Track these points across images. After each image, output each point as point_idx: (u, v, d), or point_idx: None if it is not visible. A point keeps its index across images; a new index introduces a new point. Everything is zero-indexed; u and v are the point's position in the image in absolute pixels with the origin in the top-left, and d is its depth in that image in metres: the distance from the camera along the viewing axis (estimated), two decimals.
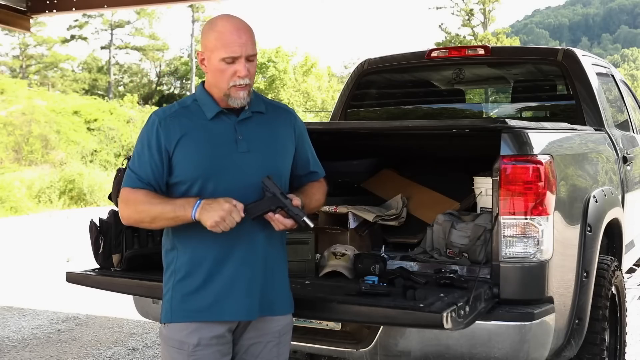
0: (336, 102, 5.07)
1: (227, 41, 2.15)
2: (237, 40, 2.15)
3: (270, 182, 2.15)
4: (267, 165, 2.21)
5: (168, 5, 26.36)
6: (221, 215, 2.05)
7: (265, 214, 2.15)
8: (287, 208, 2.15)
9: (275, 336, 2.29)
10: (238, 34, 2.16)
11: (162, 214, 2.13)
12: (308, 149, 2.43)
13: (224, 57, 2.15)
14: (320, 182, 2.46)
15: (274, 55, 36.89)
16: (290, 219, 2.16)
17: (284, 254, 2.36)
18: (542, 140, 2.79)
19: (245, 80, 2.17)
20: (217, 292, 2.16)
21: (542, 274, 2.65)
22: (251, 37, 2.20)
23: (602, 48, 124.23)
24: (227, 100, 2.20)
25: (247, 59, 2.17)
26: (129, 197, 2.19)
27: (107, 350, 4.97)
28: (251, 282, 2.19)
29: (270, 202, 2.14)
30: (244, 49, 2.15)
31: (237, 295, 2.17)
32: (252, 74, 2.20)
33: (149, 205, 2.15)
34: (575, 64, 4.19)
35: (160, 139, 2.17)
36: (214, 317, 2.17)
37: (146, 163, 2.18)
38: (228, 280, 2.17)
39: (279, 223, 2.16)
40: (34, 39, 39.19)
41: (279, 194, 2.14)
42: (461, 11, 37.63)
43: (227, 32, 2.16)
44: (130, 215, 2.21)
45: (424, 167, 3.85)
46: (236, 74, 2.16)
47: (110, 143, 22.01)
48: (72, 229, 11.46)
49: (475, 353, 2.61)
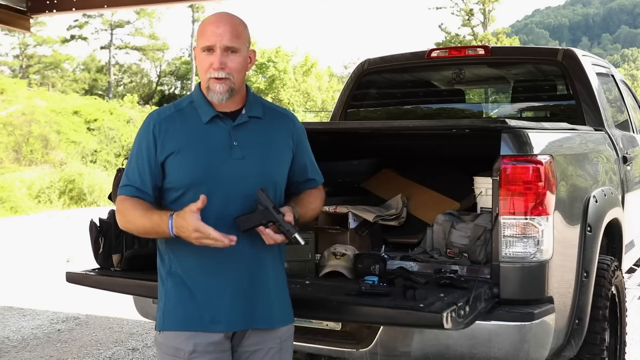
0: (336, 102, 5.07)
1: (205, 31, 2.14)
2: (214, 30, 2.13)
3: (264, 196, 2.09)
4: (261, 173, 2.16)
5: (168, 5, 26.34)
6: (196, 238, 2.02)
7: (256, 228, 2.11)
8: (278, 223, 2.09)
9: (276, 342, 2.24)
10: (217, 25, 2.14)
11: (146, 229, 2.13)
12: (306, 156, 2.37)
13: (202, 46, 2.14)
14: (318, 190, 2.40)
15: (274, 55, 36.85)
16: (282, 234, 2.10)
17: (281, 262, 2.30)
18: (542, 140, 2.79)
19: (220, 73, 2.12)
20: (204, 302, 2.13)
21: (542, 274, 2.65)
22: (232, 29, 2.14)
23: (602, 48, 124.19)
24: (208, 95, 2.17)
25: (227, 51, 2.12)
26: (119, 206, 2.19)
27: (107, 350, 4.97)
28: (240, 291, 2.14)
29: (262, 215, 2.09)
30: (219, 39, 2.11)
31: (227, 305, 2.13)
32: (230, 68, 2.13)
33: (134, 217, 2.14)
34: (575, 64, 4.19)
35: (154, 143, 2.15)
36: (204, 327, 2.12)
37: (137, 169, 2.17)
38: (214, 291, 2.13)
39: (270, 238, 2.10)
40: (34, 39, 39.18)
41: (271, 207, 2.08)
42: (461, 11, 37.62)
43: (208, 22, 2.17)
44: (124, 225, 2.21)
45: (424, 167, 3.85)
46: (211, 65, 2.13)
47: (110, 143, 22.01)
48: (72, 229, 11.46)
49: (475, 353, 2.61)
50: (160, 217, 2.08)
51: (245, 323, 2.17)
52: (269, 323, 2.21)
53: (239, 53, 2.16)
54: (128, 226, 2.20)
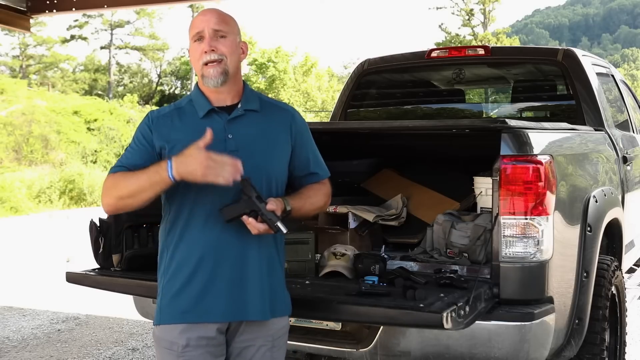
0: (336, 102, 5.07)
1: (193, 22, 2.22)
2: (201, 18, 2.21)
3: (247, 185, 2.10)
4: (255, 166, 2.16)
5: (169, 6, 26.35)
6: (207, 167, 1.99)
7: (240, 217, 2.11)
8: (261, 212, 2.10)
9: (268, 340, 2.25)
10: (203, 14, 2.22)
11: (139, 185, 2.08)
12: (309, 149, 2.37)
13: (191, 36, 2.21)
14: (321, 184, 2.38)
15: (274, 55, 36.86)
16: (264, 223, 2.11)
17: (278, 256, 2.29)
18: (542, 140, 2.79)
19: (212, 55, 2.16)
20: (198, 291, 2.14)
21: (542, 274, 2.65)
22: (219, 15, 2.21)
23: (602, 48, 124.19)
24: (204, 82, 2.20)
25: (216, 35, 2.18)
26: (107, 184, 2.16)
27: (107, 350, 4.97)
28: (233, 282, 2.15)
29: (244, 205, 2.10)
30: (207, 24, 2.18)
31: (219, 296, 2.14)
32: (221, 50, 2.17)
33: (124, 182, 2.11)
34: (575, 64, 4.19)
35: (150, 134, 2.18)
36: (198, 318, 2.14)
37: (132, 153, 2.20)
38: (208, 280, 2.14)
39: (253, 227, 2.11)
40: (34, 39, 39.21)
41: (254, 197, 2.09)
42: (461, 11, 37.64)
43: (196, 16, 2.25)
44: (109, 202, 2.15)
45: (424, 167, 3.85)
46: (202, 50, 2.17)
47: (111, 143, 22.01)
48: (72, 229, 11.46)
49: (475, 353, 2.61)
50: (156, 165, 2.07)
51: (239, 314, 2.18)
52: (261, 315, 2.20)
53: (229, 37, 2.21)
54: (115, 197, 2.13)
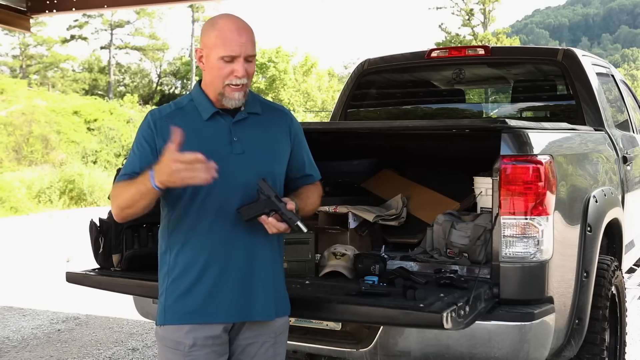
0: (336, 102, 5.08)
1: (227, 39, 2.14)
2: (237, 39, 2.14)
3: (265, 185, 2.13)
4: (261, 167, 2.19)
5: (169, 6, 26.36)
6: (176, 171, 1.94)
7: (259, 217, 2.13)
8: (280, 211, 2.12)
9: (271, 336, 2.28)
10: (239, 33, 2.15)
11: (132, 196, 2.08)
12: (304, 152, 2.41)
13: (223, 55, 2.14)
14: (316, 185, 2.43)
15: (274, 55, 36.83)
16: (284, 222, 2.14)
17: (279, 256, 2.32)
18: (542, 140, 2.79)
19: (242, 80, 2.17)
20: (206, 293, 2.15)
21: (542, 274, 2.65)
22: (251, 37, 2.19)
23: (602, 48, 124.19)
24: (222, 100, 2.19)
25: (246, 60, 2.16)
26: (112, 193, 2.19)
27: (107, 350, 4.97)
28: (240, 284, 2.17)
29: (264, 204, 2.13)
30: (244, 49, 2.15)
31: (226, 297, 2.16)
32: (249, 74, 2.19)
33: (122, 193, 2.12)
34: (575, 64, 4.19)
35: (154, 139, 2.16)
36: (205, 319, 2.16)
37: (134, 159, 2.18)
38: (215, 282, 2.15)
39: (272, 226, 2.13)
40: (34, 39, 39.16)
41: (273, 197, 2.12)
42: (461, 11, 37.60)
43: (227, 30, 2.15)
44: (115, 212, 2.17)
45: (424, 167, 3.85)
46: (233, 73, 2.15)
47: (111, 143, 22.01)
48: (72, 229, 11.46)
49: (475, 353, 2.61)
50: (142, 175, 2.06)
51: (244, 315, 2.20)
52: (267, 315, 2.24)
53: (254, 58, 2.22)
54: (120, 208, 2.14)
